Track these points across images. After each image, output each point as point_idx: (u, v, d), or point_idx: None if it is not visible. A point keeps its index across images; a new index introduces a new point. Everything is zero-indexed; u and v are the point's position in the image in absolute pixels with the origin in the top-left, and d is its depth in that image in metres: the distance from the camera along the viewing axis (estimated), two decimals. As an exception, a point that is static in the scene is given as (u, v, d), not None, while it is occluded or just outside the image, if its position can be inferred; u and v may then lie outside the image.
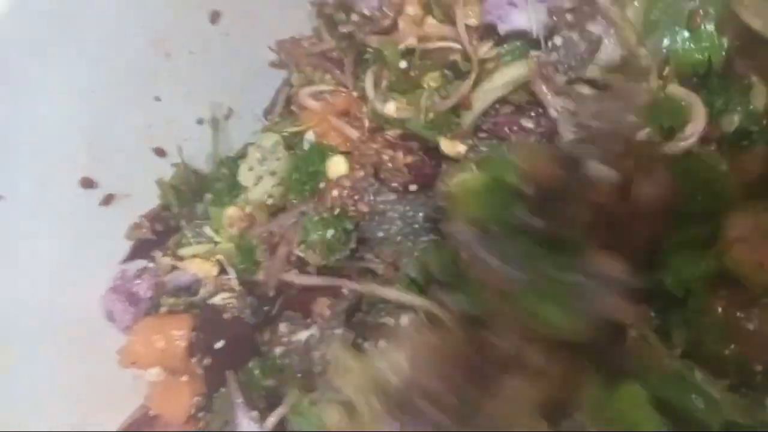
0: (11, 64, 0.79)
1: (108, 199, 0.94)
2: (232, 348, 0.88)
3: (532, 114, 0.80)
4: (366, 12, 0.87)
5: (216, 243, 0.96)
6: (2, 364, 0.82)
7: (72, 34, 0.82)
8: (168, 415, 0.90)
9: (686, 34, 0.75)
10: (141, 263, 0.97)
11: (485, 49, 0.80)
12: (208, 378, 0.88)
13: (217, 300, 0.92)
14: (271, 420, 0.82)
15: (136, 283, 0.93)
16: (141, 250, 0.98)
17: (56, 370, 0.86)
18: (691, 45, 0.75)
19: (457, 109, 0.81)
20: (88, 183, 0.91)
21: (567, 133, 0.72)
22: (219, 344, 0.88)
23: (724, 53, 0.74)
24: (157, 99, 0.95)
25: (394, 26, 0.86)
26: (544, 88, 0.76)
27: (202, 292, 0.94)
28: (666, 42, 0.75)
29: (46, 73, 0.82)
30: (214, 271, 0.94)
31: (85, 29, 0.82)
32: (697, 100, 0.74)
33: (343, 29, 0.90)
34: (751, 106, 0.76)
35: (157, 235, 0.98)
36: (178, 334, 0.88)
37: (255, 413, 0.83)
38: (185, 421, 0.89)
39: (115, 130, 0.91)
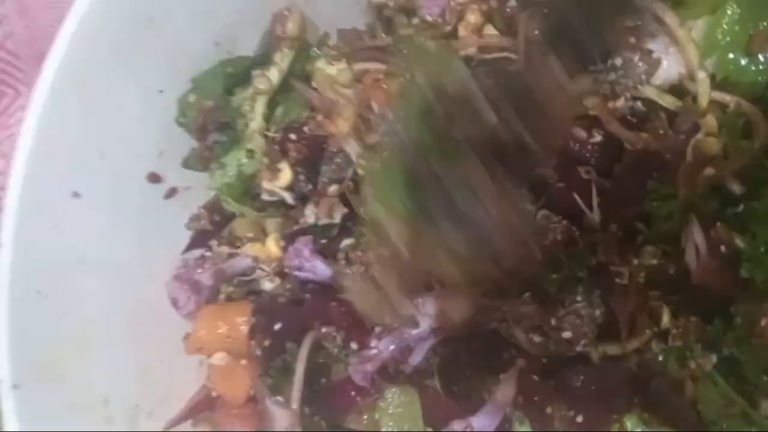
0: (89, 66, 0.82)
1: (171, 192, 0.98)
2: (290, 329, 0.91)
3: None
4: (428, 17, 0.88)
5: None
6: (81, 351, 0.87)
7: (148, 36, 0.84)
8: (229, 396, 0.96)
9: (744, 57, 0.76)
10: (200, 252, 1.02)
11: (545, 63, 0.82)
12: (266, 358, 0.92)
13: (272, 286, 0.96)
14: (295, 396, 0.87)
15: (198, 272, 0.97)
16: (200, 239, 1.02)
17: (129, 357, 0.92)
18: (750, 67, 0.77)
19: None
20: (154, 178, 0.95)
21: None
22: (277, 326, 0.91)
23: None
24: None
25: (453, 33, 0.88)
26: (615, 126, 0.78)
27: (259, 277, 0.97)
28: (724, 64, 0.77)
29: (121, 75, 0.85)
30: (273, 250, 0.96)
31: (159, 31, 0.85)
32: (758, 113, 0.76)
33: (403, 32, 0.92)
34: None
35: (214, 225, 1.02)
36: (241, 320, 0.92)
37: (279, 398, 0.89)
38: (244, 402, 0.95)
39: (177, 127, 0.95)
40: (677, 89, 0.80)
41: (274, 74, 0.93)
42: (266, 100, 0.93)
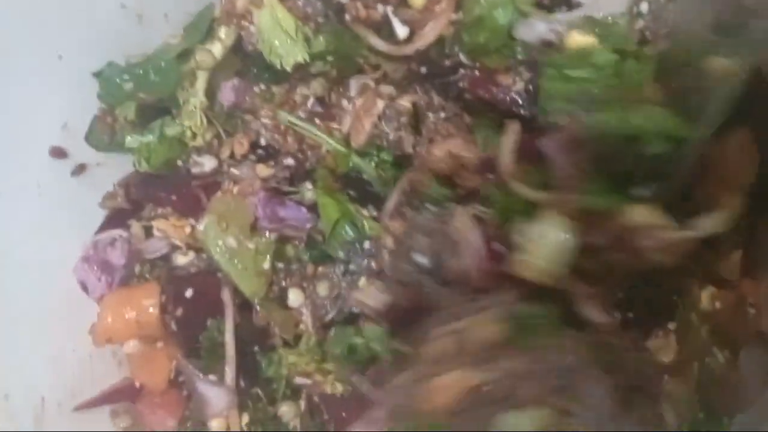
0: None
1: (79, 169, 0.92)
2: (203, 296, 0.87)
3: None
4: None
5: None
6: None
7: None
8: (149, 383, 0.91)
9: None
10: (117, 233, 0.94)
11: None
12: (183, 331, 0.87)
13: (185, 260, 0.92)
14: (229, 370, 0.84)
15: (108, 251, 0.91)
16: (115, 219, 0.95)
17: (36, 348, 0.86)
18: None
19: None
20: (58, 153, 0.88)
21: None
22: (188, 293, 0.87)
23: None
24: (129, 63, 0.92)
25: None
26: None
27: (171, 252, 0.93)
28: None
29: (16, 44, 0.79)
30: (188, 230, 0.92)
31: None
32: None
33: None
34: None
35: (132, 204, 0.95)
36: (149, 302, 0.86)
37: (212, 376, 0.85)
38: (166, 388, 0.90)
39: (87, 98, 0.89)
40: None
41: (217, 49, 0.89)
42: (208, 75, 0.89)
